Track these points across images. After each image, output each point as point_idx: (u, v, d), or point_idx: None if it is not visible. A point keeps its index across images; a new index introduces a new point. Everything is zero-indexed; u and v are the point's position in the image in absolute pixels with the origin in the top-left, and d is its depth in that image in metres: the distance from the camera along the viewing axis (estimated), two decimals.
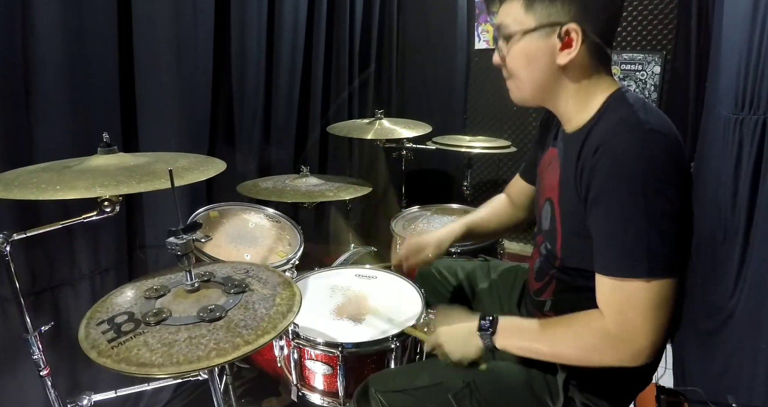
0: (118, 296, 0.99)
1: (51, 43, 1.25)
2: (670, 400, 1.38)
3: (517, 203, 1.31)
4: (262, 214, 1.74)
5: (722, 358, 1.60)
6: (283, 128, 2.17)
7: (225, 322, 0.90)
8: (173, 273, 1.07)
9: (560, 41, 0.84)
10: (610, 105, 0.87)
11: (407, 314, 1.33)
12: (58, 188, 0.88)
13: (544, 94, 0.92)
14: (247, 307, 0.95)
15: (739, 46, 1.46)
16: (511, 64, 0.91)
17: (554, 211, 0.96)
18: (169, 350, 0.82)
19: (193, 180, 0.99)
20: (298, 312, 0.95)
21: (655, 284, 0.76)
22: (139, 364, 0.79)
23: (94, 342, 0.83)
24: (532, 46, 0.86)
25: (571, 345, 0.87)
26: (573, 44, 0.84)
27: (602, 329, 0.81)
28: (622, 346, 0.80)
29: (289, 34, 2.09)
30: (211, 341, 0.85)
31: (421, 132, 2.08)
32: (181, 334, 0.86)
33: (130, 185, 0.91)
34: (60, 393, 1.07)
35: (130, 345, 0.83)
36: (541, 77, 0.89)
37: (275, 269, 1.12)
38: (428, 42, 2.96)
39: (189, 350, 0.82)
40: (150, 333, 0.86)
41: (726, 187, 1.53)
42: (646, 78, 2.42)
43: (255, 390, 1.76)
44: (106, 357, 0.80)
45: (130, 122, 1.51)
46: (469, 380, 1.00)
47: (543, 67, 0.88)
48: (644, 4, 2.38)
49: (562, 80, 0.89)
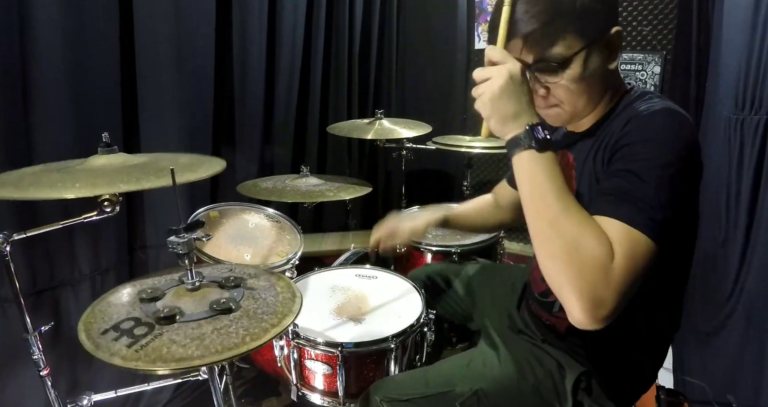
0: (106, 306, 0.97)
1: (51, 42, 1.25)
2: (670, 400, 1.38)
3: (502, 204, 1.34)
4: (262, 214, 1.74)
5: (722, 358, 1.60)
6: (284, 128, 2.17)
7: (242, 312, 0.93)
8: (158, 276, 1.07)
9: (609, 48, 0.85)
10: (632, 98, 0.88)
11: (407, 314, 1.33)
12: (78, 185, 0.88)
13: (588, 106, 0.89)
14: (254, 297, 0.99)
15: (739, 47, 1.46)
16: (564, 91, 0.85)
17: None
18: (202, 342, 0.84)
19: (194, 179, 0.99)
20: (302, 296, 1.00)
21: (653, 244, 0.72)
22: (178, 359, 0.80)
23: (111, 350, 0.82)
24: (588, 64, 0.83)
25: (570, 239, 0.71)
26: (617, 45, 0.85)
27: (607, 253, 0.70)
28: (601, 288, 0.69)
29: (289, 34, 2.09)
30: (239, 329, 0.88)
31: (421, 132, 2.08)
32: (205, 328, 0.88)
33: (130, 183, 0.91)
34: (60, 393, 1.06)
35: (154, 345, 0.84)
36: (594, 88, 0.87)
37: (256, 265, 1.14)
38: (428, 42, 2.96)
39: (222, 339, 0.85)
40: (170, 332, 0.87)
41: (727, 187, 1.53)
42: (646, 78, 2.42)
43: (255, 390, 1.76)
44: (135, 360, 0.80)
45: (131, 122, 1.51)
46: (476, 387, 0.99)
47: (598, 78, 0.85)
48: (644, 4, 2.37)
49: (603, 86, 0.89)
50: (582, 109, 0.89)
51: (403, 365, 1.29)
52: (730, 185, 1.52)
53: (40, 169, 1.03)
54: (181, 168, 1.03)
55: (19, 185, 0.90)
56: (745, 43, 1.43)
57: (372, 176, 2.85)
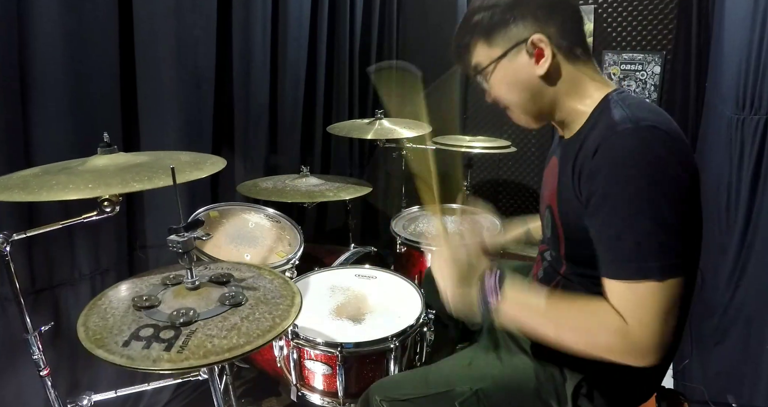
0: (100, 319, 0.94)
1: (51, 42, 1.25)
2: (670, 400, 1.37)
3: None
4: (262, 214, 1.74)
5: (722, 358, 1.60)
6: (287, 128, 2.17)
7: (254, 301, 0.98)
8: (132, 283, 1.06)
9: (530, 55, 0.88)
10: (605, 106, 0.86)
11: (407, 314, 1.33)
12: (90, 186, 0.90)
13: (540, 109, 0.94)
14: (254, 287, 1.04)
15: (739, 46, 1.46)
16: (499, 95, 0.95)
17: (554, 217, 0.95)
18: (239, 331, 0.88)
19: (194, 178, 0.99)
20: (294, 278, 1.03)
21: (667, 284, 0.74)
22: (229, 349, 0.84)
23: (151, 357, 0.82)
24: (508, 71, 0.91)
25: (581, 338, 0.82)
26: (544, 52, 0.87)
27: (617, 328, 0.76)
28: (633, 348, 0.76)
29: (293, 34, 2.09)
30: (264, 313, 0.94)
31: (421, 132, 2.08)
32: (232, 319, 0.92)
33: (143, 181, 0.93)
34: (60, 393, 1.07)
35: (193, 343, 0.85)
36: (529, 95, 0.92)
37: (228, 260, 1.20)
38: (428, 42, 2.96)
39: (256, 325, 0.90)
40: (201, 330, 0.89)
41: (726, 187, 1.53)
42: (646, 78, 2.42)
43: (255, 390, 1.76)
44: (184, 360, 0.82)
45: (132, 122, 1.51)
46: (477, 387, 0.99)
47: (526, 84, 0.90)
48: (644, 4, 2.37)
49: (548, 90, 0.91)
50: (536, 113, 0.94)
51: (402, 365, 1.29)
52: (731, 185, 1.52)
53: (40, 170, 1.03)
54: (185, 166, 1.03)
55: (27, 189, 0.89)
56: (745, 43, 1.43)
57: (372, 176, 2.85)
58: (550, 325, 0.85)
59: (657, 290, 0.74)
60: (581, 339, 0.82)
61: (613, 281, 0.78)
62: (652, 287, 0.74)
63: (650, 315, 0.75)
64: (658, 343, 0.75)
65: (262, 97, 2.01)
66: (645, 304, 0.75)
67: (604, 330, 0.78)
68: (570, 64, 0.89)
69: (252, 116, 1.98)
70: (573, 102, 0.91)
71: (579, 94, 0.90)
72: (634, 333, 0.76)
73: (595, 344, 0.80)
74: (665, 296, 0.74)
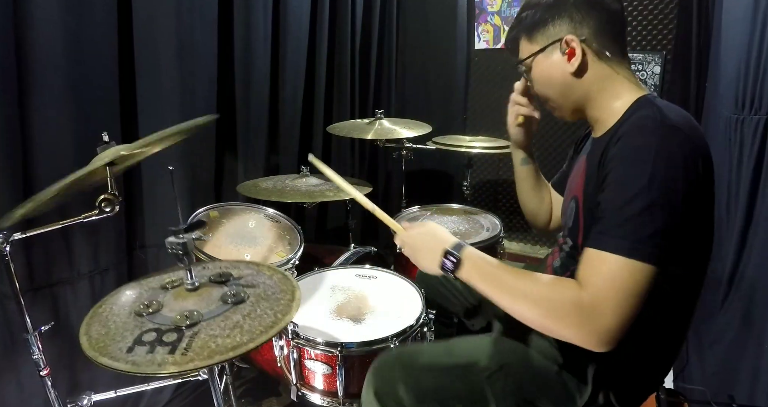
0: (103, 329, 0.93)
1: (50, 41, 1.25)
2: (670, 400, 1.38)
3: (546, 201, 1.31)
4: (262, 214, 1.74)
5: (721, 358, 1.60)
6: (287, 128, 2.17)
7: (255, 298, 0.98)
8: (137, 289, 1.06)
9: (563, 53, 0.95)
10: (636, 107, 0.90)
11: (407, 314, 1.33)
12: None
13: (574, 104, 1.00)
14: (253, 285, 1.04)
15: (739, 47, 1.46)
16: (538, 89, 1.04)
17: (578, 207, 0.97)
18: (242, 329, 0.89)
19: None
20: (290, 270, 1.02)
21: (636, 265, 0.76)
22: (233, 348, 0.84)
23: (156, 361, 0.82)
24: (545, 66, 0.99)
25: (535, 307, 0.83)
26: (576, 51, 0.93)
27: (575, 299, 0.78)
28: (588, 322, 0.77)
29: (293, 34, 2.09)
30: (265, 311, 0.94)
31: (421, 132, 2.08)
32: (233, 318, 0.92)
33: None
34: (60, 393, 1.07)
35: (198, 344, 0.85)
36: (561, 90, 0.99)
37: (234, 260, 1.20)
38: (428, 42, 2.96)
39: (258, 322, 0.91)
40: (204, 330, 0.89)
41: (727, 187, 1.53)
42: (646, 78, 2.41)
43: (255, 390, 1.76)
44: (189, 361, 0.82)
45: (131, 122, 1.51)
46: (503, 362, 1.00)
47: (559, 79, 0.98)
48: (644, 4, 2.37)
49: (579, 87, 0.97)
50: (570, 107, 1.01)
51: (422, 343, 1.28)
52: (731, 184, 1.52)
53: None
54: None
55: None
56: (745, 43, 1.43)
57: (372, 176, 2.85)
58: (507, 293, 0.87)
59: (623, 265, 0.76)
60: (535, 308, 0.83)
61: (590, 249, 0.81)
62: (619, 262, 0.77)
63: (609, 288, 0.77)
64: (612, 324, 0.76)
65: (262, 97, 2.01)
66: (608, 276, 0.77)
67: (559, 298, 0.80)
68: (602, 63, 0.94)
69: (252, 116, 1.98)
70: (605, 100, 0.96)
71: (610, 92, 0.95)
72: (589, 301, 0.77)
73: (549, 313, 0.81)
74: (630, 276, 0.76)
